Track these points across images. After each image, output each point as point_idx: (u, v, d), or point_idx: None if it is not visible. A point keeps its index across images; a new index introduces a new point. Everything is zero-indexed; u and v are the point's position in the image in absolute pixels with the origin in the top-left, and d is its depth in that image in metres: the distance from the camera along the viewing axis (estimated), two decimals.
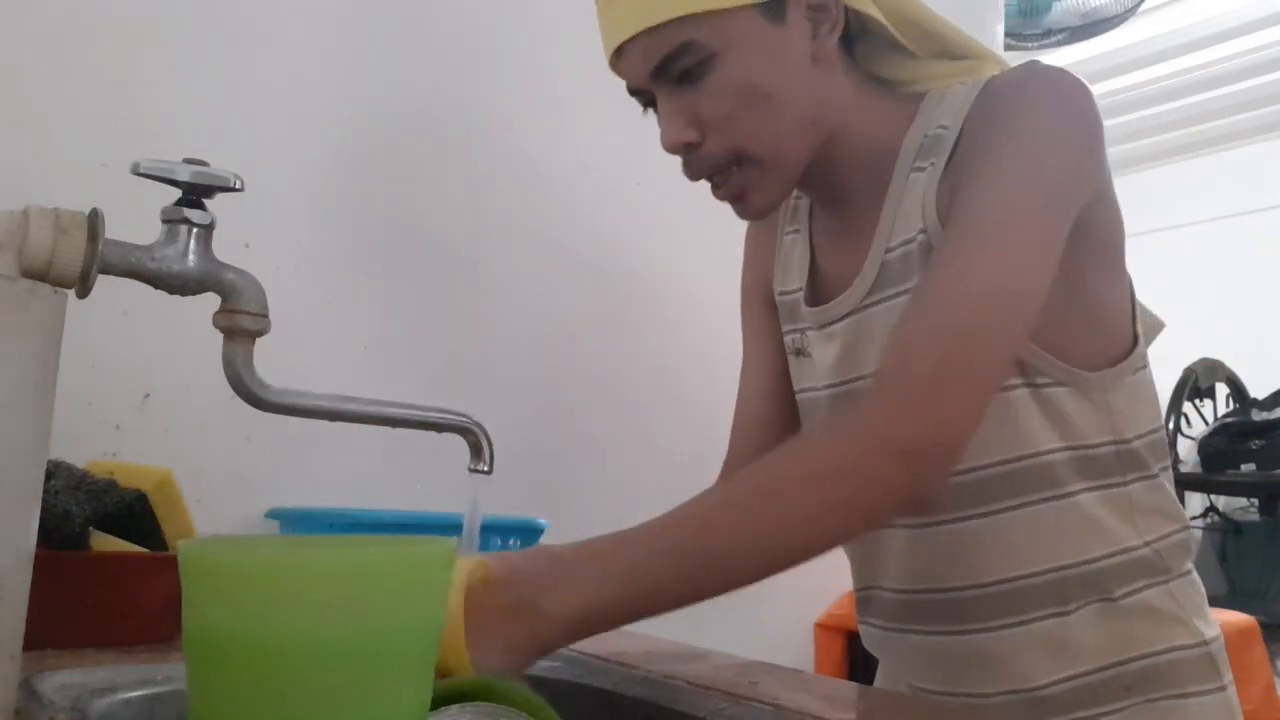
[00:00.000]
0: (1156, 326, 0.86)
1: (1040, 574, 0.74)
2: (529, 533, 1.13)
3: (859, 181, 0.79)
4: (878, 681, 0.92)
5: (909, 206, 0.75)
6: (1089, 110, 0.72)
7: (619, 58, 0.74)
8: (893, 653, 0.85)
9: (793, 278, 0.88)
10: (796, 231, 0.90)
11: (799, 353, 0.87)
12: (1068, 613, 0.74)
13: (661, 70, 0.72)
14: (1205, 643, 0.77)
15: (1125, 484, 0.76)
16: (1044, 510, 0.74)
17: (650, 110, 0.77)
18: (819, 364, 0.84)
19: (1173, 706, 0.74)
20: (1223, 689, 0.77)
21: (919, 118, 0.78)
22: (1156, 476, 0.78)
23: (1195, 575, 0.80)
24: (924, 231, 0.73)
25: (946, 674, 0.79)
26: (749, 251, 0.98)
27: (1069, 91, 0.71)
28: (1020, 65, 0.76)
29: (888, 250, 0.77)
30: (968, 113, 0.74)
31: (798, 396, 0.89)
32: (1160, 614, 0.76)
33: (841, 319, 0.80)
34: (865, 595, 0.85)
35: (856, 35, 0.80)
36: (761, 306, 0.94)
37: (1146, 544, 0.76)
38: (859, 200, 0.80)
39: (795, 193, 0.92)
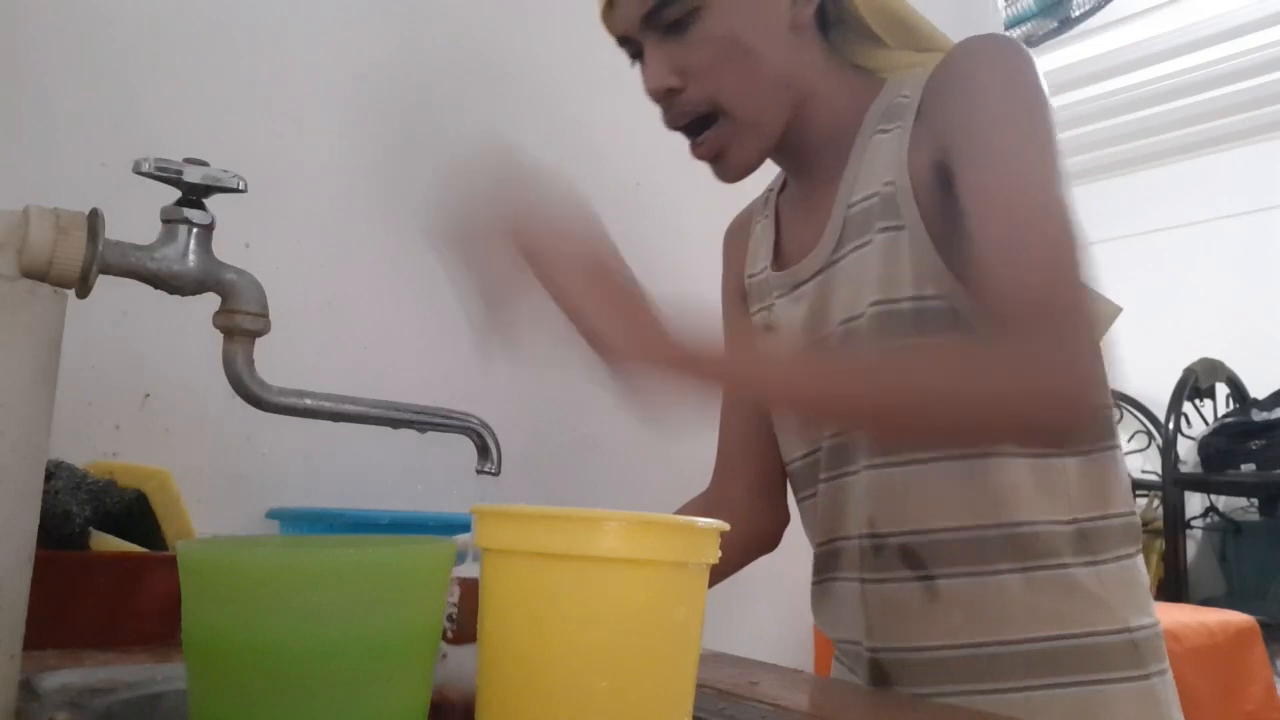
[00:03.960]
0: (1112, 311, 0.87)
1: (958, 529, 0.76)
2: None
3: (824, 151, 0.84)
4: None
5: (874, 165, 0.79)
6: (1031, 66, 0.75)
7: (611, 8, 0.79)
8: (840, 604, 0.85)
9: (760, 259, 0.92)
10: (767, 218, 0.94)
11: (768, 329, 0.90)
12: (984, 574, 0.75)
13: (651, 18, 0.77)
14: (1128, 629, 0.75)
15: (1060, 455, 0.76)
16: (959, 466, 0.75)
17: (637, 64, 0.81)
18: (786, 330, 0.87)
19: (1086, 693, 0.74)
20: (1146, 678, 0.75)
21: (881, 95, 0.83)
22: (1100, 452, 0.78)
23: (1137, 563, 0.79)
24: (891, 184, 0.77)
25: (880, 627, 0.81)
26: (725, 253, 1.01)
27: (1015, 48, 0.75)
28: (969, 39, 0.78)
29: (850, 206, 0.81)
30: (925, 84, 0.78)
31: None
32: (1083, 594, 0.75)
33: (810, 278, 0.84)
34: (831, 548, 0.86)
35: (833, 22, 0.84)
36: (738, 308, 0.97)
37: (1074, 520, 0.75)
38: (823, 169, 0.84)
39: (770, 185, 0.96)
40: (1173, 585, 3.65)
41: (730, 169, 0.81)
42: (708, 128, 0.79)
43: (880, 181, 0.78)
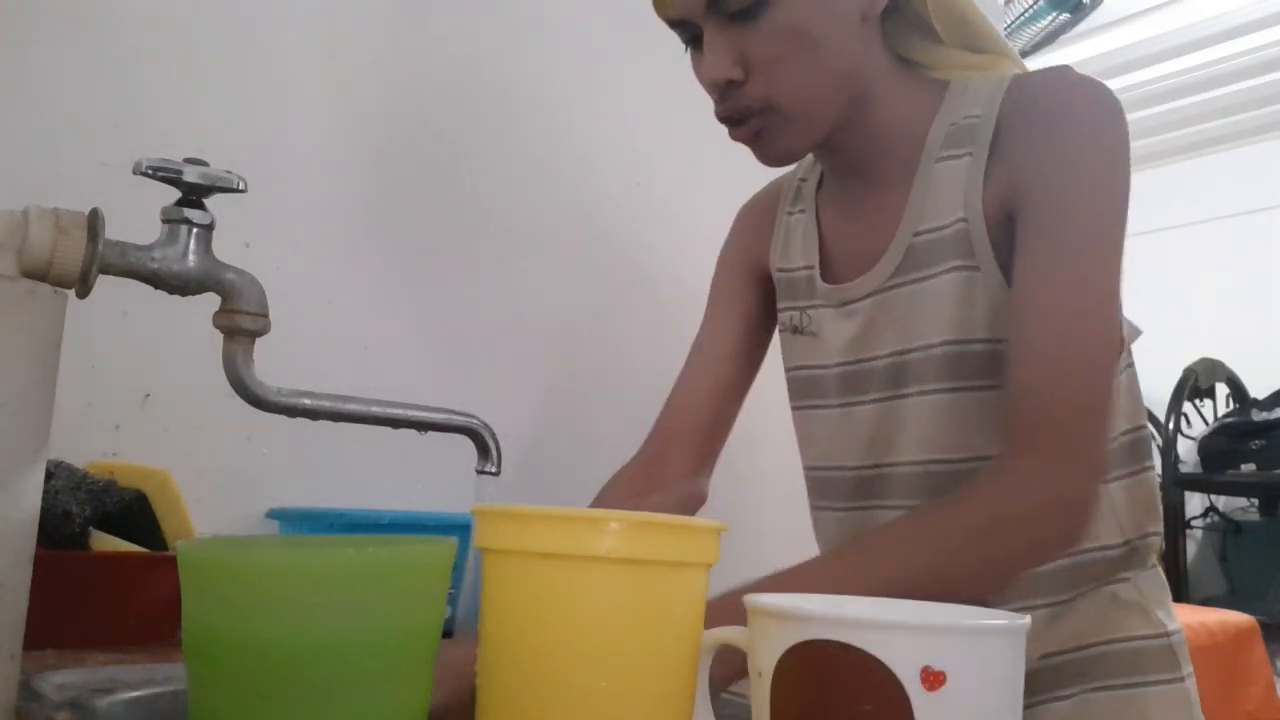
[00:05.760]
0: (1135, 332, 0.88)
1: None
2: None
3: (883, 160, 0.80)
4: None
5: (941, 193, 0.76)
6: (1126, 130, 0.73)
7: None
8: None
9: (796, 255, 0.89)
10: (801, 211, 0.90)
11: (797, 330, 0.88)
12: (1049, 605, 0.76)
13: (717, 3, 0.72)
14: (1166, 634, 0.78)
15: (1108, 481, 0.77)
16: None
17: (689, 50, 0.77)
18: (830, 342, 0.84)
19: (1131, 695, 0.75)
20: (1181, 680, 0.78)
21: (945, 107, 0.78)
22: (1139, 475, 0.79)
23: (1159, 569, 0.82)
24: (964, 220, 0.74)
25: None
26: (741, 227, 0.97)
27: (1115, 109, 0.73)
28: (1054, 69, 0.76)
29: (915, 234, 0.77)
30: (1000, 107, 0.74)
31: (793, 373, 0.89)
32: (1123, 604, 0.77)
33: (863, 298, 0.81)
34: None
35: (889, 12, 0.79)
36: (741, 277, 0.94)
37: (1127, 542, 0.78)
38: (881, 180, 0.80)
39: (800, 175, 0.92)
40: (1173, 585, 3.64)
41: (772, 154, 0.77)
42: (757, 118, 0.75)
43: (950, 215, 0.75)
